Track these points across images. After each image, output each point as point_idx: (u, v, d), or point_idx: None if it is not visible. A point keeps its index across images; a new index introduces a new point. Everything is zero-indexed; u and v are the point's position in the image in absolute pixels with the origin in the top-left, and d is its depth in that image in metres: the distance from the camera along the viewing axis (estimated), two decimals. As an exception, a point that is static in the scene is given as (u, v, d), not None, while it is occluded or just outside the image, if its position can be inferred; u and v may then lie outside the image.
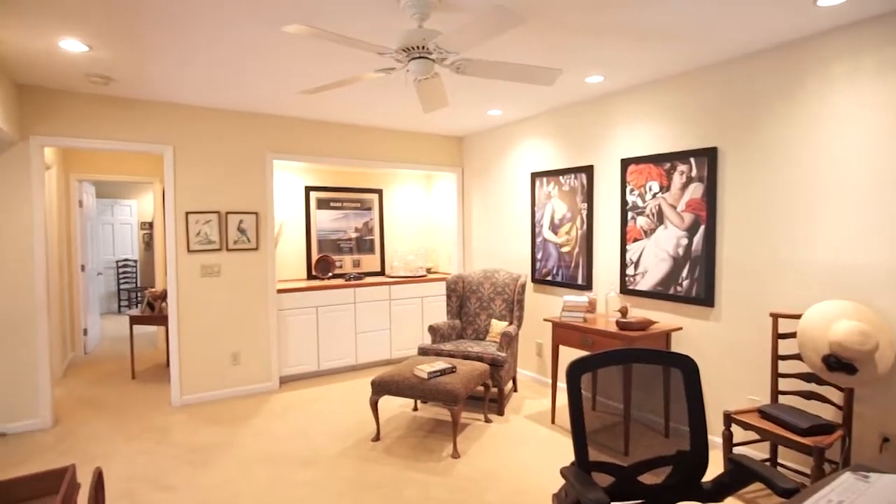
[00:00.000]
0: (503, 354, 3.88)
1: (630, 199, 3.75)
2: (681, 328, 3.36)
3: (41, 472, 2.10)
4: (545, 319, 3.76)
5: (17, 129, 3.59)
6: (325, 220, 5.53)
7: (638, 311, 3.71)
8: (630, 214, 3.75)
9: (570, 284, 4.30)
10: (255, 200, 4.49)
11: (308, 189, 5.44)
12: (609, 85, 3.68)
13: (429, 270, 5.95)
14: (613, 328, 3.30)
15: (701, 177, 3.27)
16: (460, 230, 5.65)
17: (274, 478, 2.96)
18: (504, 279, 4.51)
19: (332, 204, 5.58)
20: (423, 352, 4.10)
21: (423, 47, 2.27)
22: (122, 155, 5.81)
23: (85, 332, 6.01)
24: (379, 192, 5.87)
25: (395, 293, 5.28)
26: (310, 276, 5.39)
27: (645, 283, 3.65)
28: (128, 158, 5.83)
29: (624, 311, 3.33)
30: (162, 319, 4.89)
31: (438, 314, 5.55)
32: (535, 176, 4.65)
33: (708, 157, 3.23)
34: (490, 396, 4.02)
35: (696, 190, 3.31)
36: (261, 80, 3.50)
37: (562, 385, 4.34)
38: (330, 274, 5.35)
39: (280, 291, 4.65)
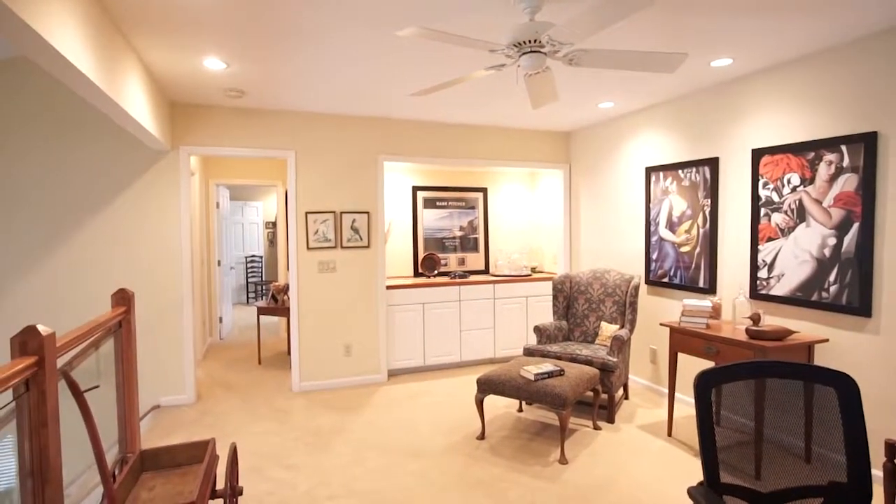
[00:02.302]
0: (614, 359, 3.69)
1: (763, 193, 3.37)
2: (826, 340, 2.95)
3: (190, 442, 2.38)
4: (662, 324, 3.51)
5: (170, 140, 4.09)
6: (431, 219, 5.65)
7: (772, 319, 3.33)
8: (763, 211, 3.37)
9: (689, 287, 3.98)
10: (367, 200, 4.70)
11: (415, 189, 5.60)
12: (738, 68, 3.34)
13: (533, 270, 5.85)
14: (742, 336, 2.99)
15: (855, 167, 2.84)
16: (567, 229, 5.48)
17: (385, 465, 3.07)
18: (615, 280, 4.28)
19: (437, 203, 5.69)
20: (529, 353, 4.02)
21: (536, 41, 2.21)
22: (251, 161, 6.40)
23: (220, 320, 6.72)
24: (483, 190, 5.88)
25: (499, 292, 5.25)
26: (416, 274, 5.54)
27: (781, 288, 3.26)
28: (255, 164, 6.41)
29: (756, 319, 3.00)
30: (284, 311, 5.32)
31: (543, 315, 5.44)
32: (650, 171, 4.36)
33: (865, 144, 2.79)
34: (599, 403, 3.84)
35: (848, 182, 2.88)
36: (374, 85, 3.65)
37: (681, 396, 4.03)
38: (436, 272, 5.46)
39: (389, 288, 4.83)
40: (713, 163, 3.75)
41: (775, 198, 3.29)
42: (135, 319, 2.93)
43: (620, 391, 4.29)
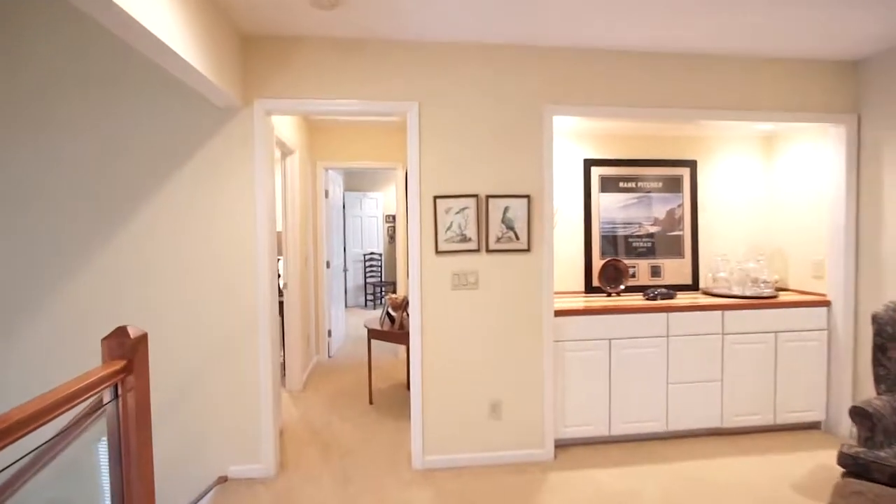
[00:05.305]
0: None
1: None
2: None
3: None
4: None
5: (241, 92, 2.76)
6: (610, 208, 3.81)
7: None
8: None
9: None
10: (527, 178, 3.02)
11: (587, 163, 3.79)
12: None
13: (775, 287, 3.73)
14: None
15: None
16: (850, 223, 3.30)
17: None
18: None
19: (621, 184, 3.82)
20: (855, 467, 2.04)
21: None
22: (363, 132, 5.09)
23: (329, 333, 5.53)
24: (691, 164, 3.88)
25: (728, 324, 3.28)
26: (588, 289, 3.74)
27: None
28: (372, 141, 5.09)
29: None
30: (402, 337, 3.85)
31: (803, 364, 3.33)
32: None
33: None
34: None
35: None
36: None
37: None
38: (621, 287, 3.61)
39: (557, 314, 3.11)
40: None
41: None
42: (147, 382, 1.58)
43: None
